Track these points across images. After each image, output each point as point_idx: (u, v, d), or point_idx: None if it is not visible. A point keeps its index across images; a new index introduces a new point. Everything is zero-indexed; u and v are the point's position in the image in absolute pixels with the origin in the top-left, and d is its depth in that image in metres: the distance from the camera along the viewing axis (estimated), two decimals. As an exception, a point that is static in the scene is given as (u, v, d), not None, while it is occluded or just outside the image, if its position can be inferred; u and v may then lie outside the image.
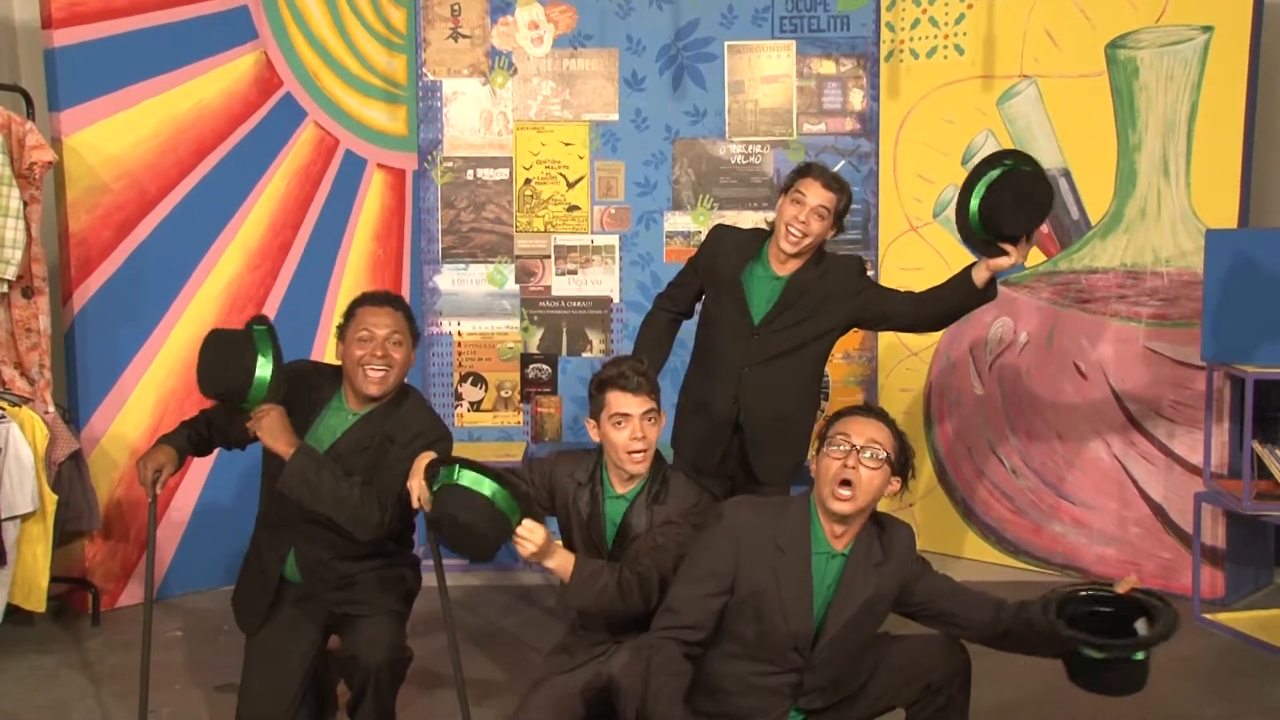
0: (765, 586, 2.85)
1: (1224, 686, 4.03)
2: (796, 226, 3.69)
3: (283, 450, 3.14)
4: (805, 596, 2.86)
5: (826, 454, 2.84)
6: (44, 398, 4.40)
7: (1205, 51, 4.69)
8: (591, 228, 5.64)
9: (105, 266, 4.69)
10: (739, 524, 2.89)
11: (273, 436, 3.15)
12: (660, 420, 3.18)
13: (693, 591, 2.87)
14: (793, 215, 3.70)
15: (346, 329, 3.35)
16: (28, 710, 3.85)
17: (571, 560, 2.98)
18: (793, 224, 3.70)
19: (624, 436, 3.12)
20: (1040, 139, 5.11)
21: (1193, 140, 4.75)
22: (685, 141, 5.61)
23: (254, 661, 3.31)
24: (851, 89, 5.59)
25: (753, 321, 3.81)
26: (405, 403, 3.35)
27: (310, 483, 3.12)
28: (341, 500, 3.13)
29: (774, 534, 2.87)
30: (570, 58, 5.58)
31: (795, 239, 3.71)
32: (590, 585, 2.96)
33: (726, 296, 3.85)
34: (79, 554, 4.69)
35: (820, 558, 2.88)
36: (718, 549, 2.88)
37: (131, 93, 4.70)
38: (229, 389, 3.20)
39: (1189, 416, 4.80)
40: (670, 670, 2.77)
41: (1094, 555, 5.08)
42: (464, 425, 5.66)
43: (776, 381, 3.81)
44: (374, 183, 5.45)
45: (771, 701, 2.92)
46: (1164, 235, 4.85)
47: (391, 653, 3.19)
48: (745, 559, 2.85)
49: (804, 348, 3.83)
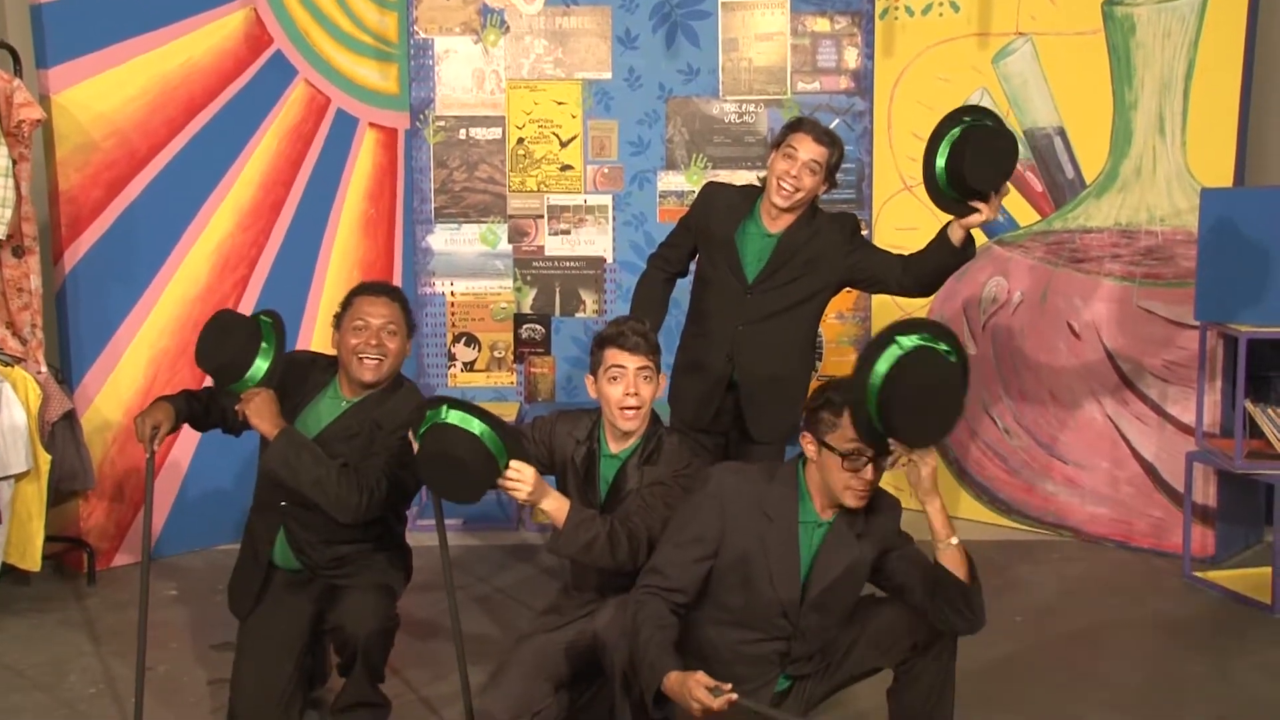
0: (752, 553, 2.86)
1: (1214, 644, 4.06)
2: (788, 181, 3.67)
3: (267, 431, 3.17)
4: (792, 563, 2.87)
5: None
6: (36, 358, 4.39)
7: (1203, 8, 4.66)
8: (585, 187, 5.62)
9: (96, 225, 4.66)
10: (726, 490, 2.90)
11: (259, 416, 3.18)
12: (657, 381, 3.18)
13: (679, 555, 2.87)
14: (784, 170, 3.67)
15: (343, 317, 3.38)
16: (26, 668, 3.87)
17: (566, 506, 3.00)
18: (784, 178, 3.67)
19: (618, 391, 3.13)
20: (1036, 97, 5.09)
21: (1189, 98, 4.73)
22: (679, 100, 5.58)
23: (245, 652, 3.32)
24: (846, 47, 5.56)
25: (746, 280, 3.79)
26: (398, 392, 3.37)
27: (290, 464, 3.14)
28: (320, 481, 3.14)
29: (761, 501, 2.88)
30: (563, 15, 5.54)
31: (787, 193, 3.69)
32: (581, 534, 2.98)
33: (720, 255, 3.84)
34: (74, 514, 4.70)
35: (806, 526, 2.90)
36: (704, 514, 2.88)
37: (120, 50, 4.65)
38: (224, 367, 3.22)
39: (1182, 376, 4.81)
40: (657, 623, 2.78)
41: (1086, 514, 5.11)
42: (457, 385, 5.65)
43: (771, 340, 3.80)
44: (366, 142, 5.42)
45: (760, 668, 2.95)
46: (1159, 194, 4.84)
47: (378, 623, 3.20)
48: (731, 525, 2.86)
49: (797, 307, 3.82)
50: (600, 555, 2.99)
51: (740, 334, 3.80)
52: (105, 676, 3.80)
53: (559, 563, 4.08)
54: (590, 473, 3.23)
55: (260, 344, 3.23)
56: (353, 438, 3.29)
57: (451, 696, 3.55)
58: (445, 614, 3.40)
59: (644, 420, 3.19)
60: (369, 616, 3.19)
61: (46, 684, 3.76)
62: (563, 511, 2.98)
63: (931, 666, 2.92)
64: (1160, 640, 4.09)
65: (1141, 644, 4.05)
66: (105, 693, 3.69)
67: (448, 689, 3.63)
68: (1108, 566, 4.83)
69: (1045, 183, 5.11)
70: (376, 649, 3.22)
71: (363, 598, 3.23)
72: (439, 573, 3.39)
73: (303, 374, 3.43)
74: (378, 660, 3.25)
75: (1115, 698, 3.62)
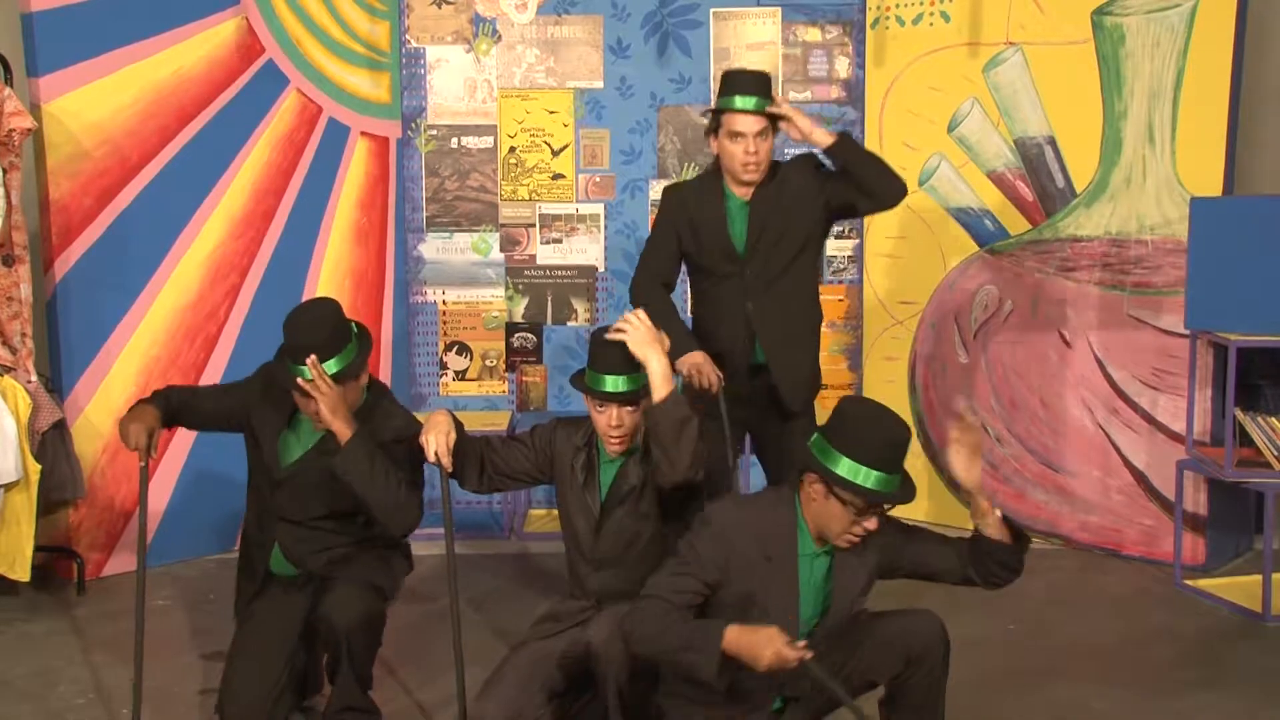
0: (753, 594, 2.83)
1: (1204, 652, 4.07)
2: (749, 160, 3.67)
3: (340, 429, 3.12)
4: (791, 602, 2.85)
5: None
6: (26, 367, 4.38)
7: (1192, 18, 4.68)
8: (576, 196, 5.62)
9: (87, 234, 4.66)
10: (728, 530, 2.85)
11: (333, 413, 3.12)
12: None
13: (678, 583, 2.82)
14: (739, 151, 3.66)
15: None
16: (15, 678, 3.85)
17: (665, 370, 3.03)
18: (745, 160, 3.67)
19: (602, 421, 3.16)
20: (1026, 106, 5.10)
21: (1178, 108, 4.75)
22: (670, 109, 5.59)
23: (237, 648, 3.32)
24: (837, 56, 5.57)
25: (739, 254, 3.78)
26: (378, 407, 3.35)
27: (362, 468, 3.11)
28: (389, 490, 3.14)
29: (761, 541, 2.84)
30: (555, 24, 5.55)
31: (754, 169, 3.69)
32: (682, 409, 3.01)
33: (709, 240, 3.82)
34: (64, 523, 4.69)
35: (805, 559, 2.87)
36: (707, 558, 2.82)
37: (111, 58, 4.65)
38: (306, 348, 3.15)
39: (1172, 384, 4.83)
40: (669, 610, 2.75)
41: (1077, 523, 5.12)
42: (449, 394, 5.65)
43: (782, 307, 3.81)
44: (357, 151, 5.42)
45: (757, 697, 2.92)
46: (1149, 203, 4.85)
47: (363, 614, 3.18)
48: (734, 567, 2.82)
49: (795, 263, 3.81)
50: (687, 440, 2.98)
51: (752, 310, 3.79)
52: (95, 686, 3.79)
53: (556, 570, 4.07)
54: (590, 477, 3.24)
55: (346, 345, 3.21)
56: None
57: (444, 702, 3.55)
58: (439, 620, 3.40)
59: (633, 439, 3.19)
60: (353, 607, 3.17)
61: (36, 694, 3.74)
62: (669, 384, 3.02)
63: (924, 681, 2.90)
64: (1151, 649, 4.09)
65: (1132, 653, 4.05)
66: (95, 702, 3.68)
67: (441, 694, 3.62)
68: (1099, 575, 4.84)
69: (1035, 192, 5.12)
70: (360, 644, 3.20)
71: (348, 590, 3.21)
72: (432, 580, 3.38)
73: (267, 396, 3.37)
74: (363, 657, 3.23)
75: (1106, 707, 3.63)
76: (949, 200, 5.34)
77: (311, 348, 3.14)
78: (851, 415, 2.79)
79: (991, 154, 5.21)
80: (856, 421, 2.77)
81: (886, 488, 2.72)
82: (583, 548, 3.23)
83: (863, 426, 2.75)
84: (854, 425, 2.76)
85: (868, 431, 2.73)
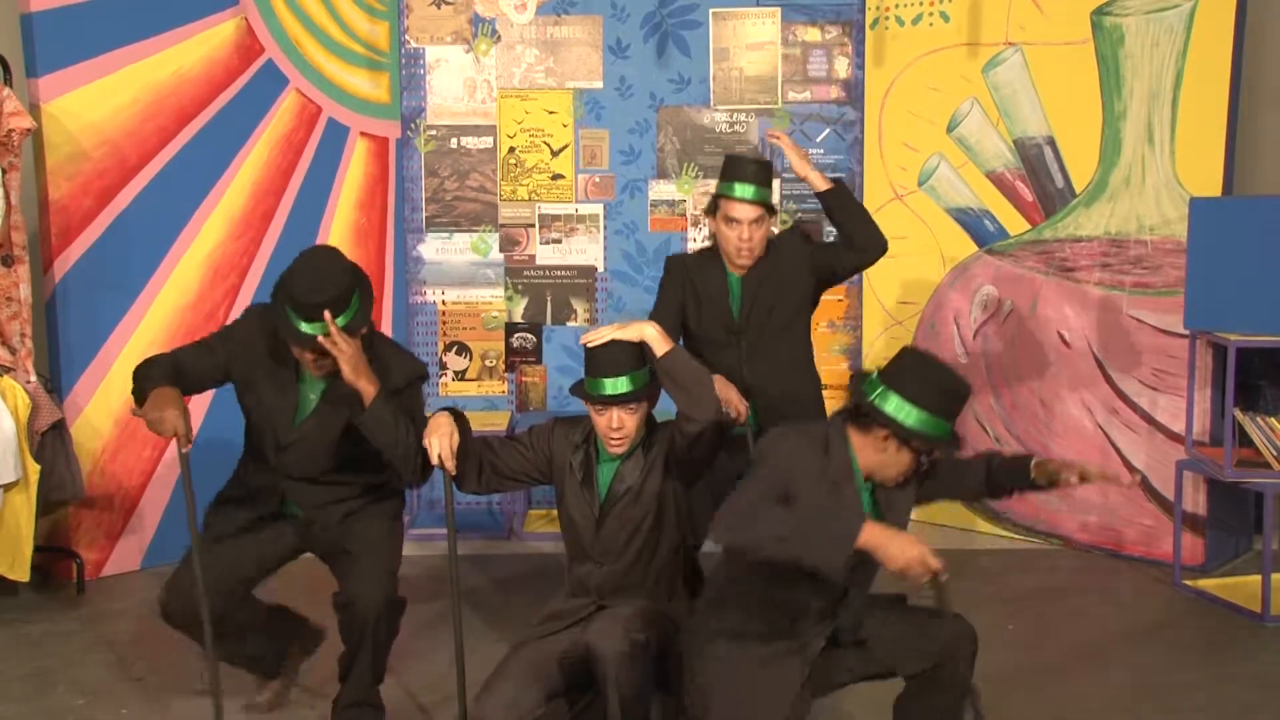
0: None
1: (1204, 652, 4.07)
2: (744, 246, 3.73)
3: (364, 386, 3.08)
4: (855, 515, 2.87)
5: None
6: (26, 367, 4.38)
7: (1191, 18, 4.68)
8: (576, 196, 5.62)
9: (86, 235, 4.65)
10: (787, 457, 2.86)
11: (355, 371, 3.08)
12: (644, 407, 3.16)
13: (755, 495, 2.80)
14: (734, 236, 3.74)
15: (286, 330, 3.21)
16: (14, 679, 3.85)
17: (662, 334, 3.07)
18: (740, 246, 3.73)
19: (602, 423, 3.15)
20: (1025, 106, 5.11)
21: (1178, 108, 4.75)
22: (670, 109, 5.59)
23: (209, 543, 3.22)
24: (837, 56, 5.57)
25: (734, 321, 3.88)
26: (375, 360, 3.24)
27: (388, 425, 3.10)
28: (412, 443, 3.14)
29: (822, 468, 2.86)
30: (554, 25, 5.55)
31: (748, 255, 3.75)
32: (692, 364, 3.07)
33: (709, 312, 3.91)
34: (63, 523, 4.69)
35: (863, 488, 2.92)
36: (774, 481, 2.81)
37: (111, 59, 4.65)
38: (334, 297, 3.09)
39: (1171, 384, 4.83)
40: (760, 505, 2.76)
41: (1076, 523, 5.12)
42: (449, 394, 5.65)
43: (777, 373, 3.88)
44: (357, 151, 5.42)
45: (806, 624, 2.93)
46: (1148, 203, 4.85)
47: (388, 601, 3.19)
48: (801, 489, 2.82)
49: (787, 330, 3.90)
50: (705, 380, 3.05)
51: (747, 375, 3.84)
52: (94, 687, 3.78)
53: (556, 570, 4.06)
54: (588, 476, 3.23)
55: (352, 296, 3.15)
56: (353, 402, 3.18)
57: (444, 702, 3.55)
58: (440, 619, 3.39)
59: (634, 441, 3.19)
60: (378, 595, 3.17)
61: (35, 694, 3.74)
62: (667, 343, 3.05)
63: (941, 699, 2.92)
64: (1151, 649, 4.09)
65: (1132, 653, 4.05)
66: (94, 703, 3.67)
67: (441, 694, 3.63)
68: (1098, 575, 4.84)
69: (1035, 192, 5.12)
70: (385, 632, 3.21)
71: (371, 578, 3.20)
72: (432, 580, 3.38)
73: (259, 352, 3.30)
74: (384, 647, 3.24)
75: (1106, 706, 3.63)
76: (948, 200, 5.34)
77: (326, 304, 3.07)
78: (917, 368, 2.84)
79: (991, 154, 5.22)
80: (924, 375, 2.81)
81: (947, 434, 2.81)
82: (583, 545, 3.23)
83: (931, 380, 2.80)
84: (922, 378, 2.80)
85: (937, 383, 2.79)
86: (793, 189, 5.65)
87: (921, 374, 2.80)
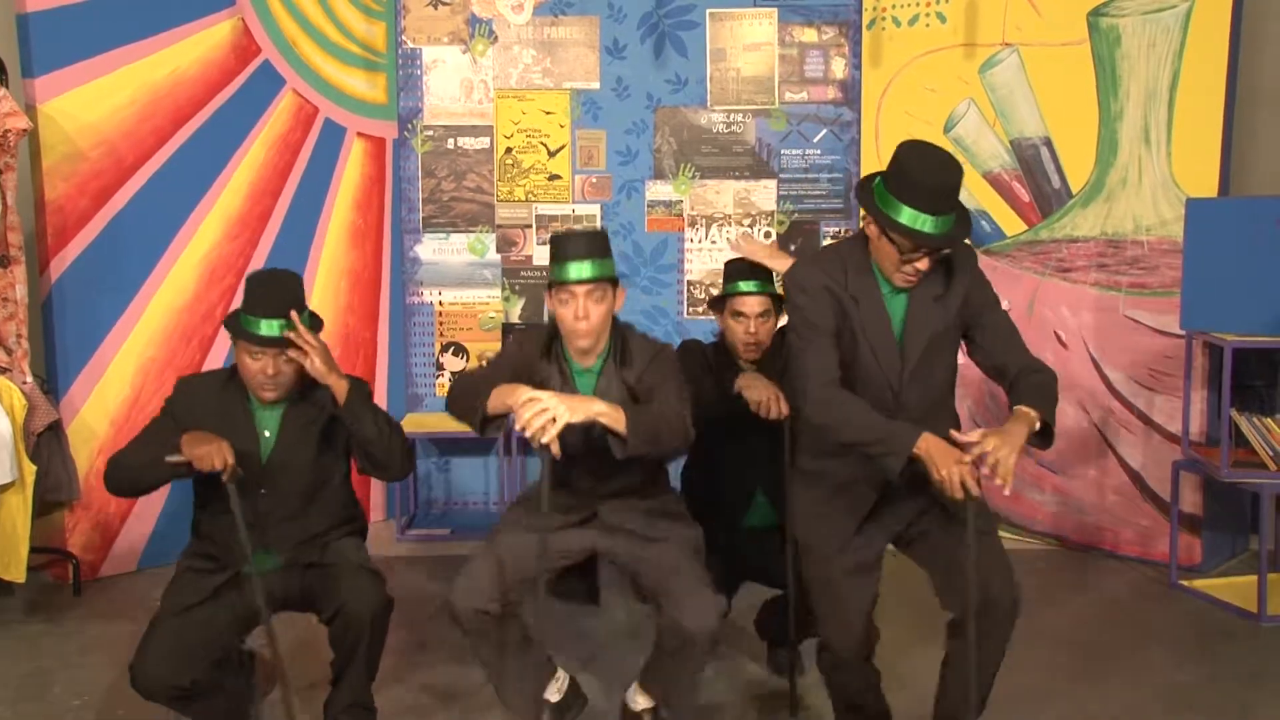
0: (854, 332, 2.92)
1: (1200, 652, 4.07)
2: (751, 339, 3.69)
3: (336, 381, 3.11)
4: (888, 334, 2.92)
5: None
6: (22, 368, 4.37)
7: (1187, 19, 4.69)
8: (573, 197, 5.62)
9: (83, 235, 4.65)
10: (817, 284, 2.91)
11: (326, 364, 3.10)
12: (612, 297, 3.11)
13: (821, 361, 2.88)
14: (741, 332, 3.69)
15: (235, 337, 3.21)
16: (10, 680, 3.85)
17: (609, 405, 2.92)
18: (746, 341, 3.69)
19: (568, 316, 3.07)
20: (1022, 107, 5.11)
21: (1174, 109, 4.76)
22: (667, 110, 5.59)
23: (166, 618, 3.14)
24: (833, 57, 5.58)
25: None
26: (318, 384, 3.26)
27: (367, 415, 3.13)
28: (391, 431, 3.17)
29: (845, 285, 2.91)
30: (551, 25, 5.55)
31: (754, 351, 3.70)
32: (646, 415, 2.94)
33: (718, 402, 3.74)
34: (59, 525, 4.68)
35: (887, 296, 2.94)
36: (818, 316, 2.89)
37: (107, 59, 4.65)
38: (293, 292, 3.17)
39: (1168, 385, 4.83)
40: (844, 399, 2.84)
41: (1073, 523, 5.12)
42: (445, 395, 5.64)
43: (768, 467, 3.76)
44: (354, 151, 5.42)
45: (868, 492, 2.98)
46: (1145, 204, 4.86)
47: (381, 601, 3.16)
48: (836, 313, 2.91)
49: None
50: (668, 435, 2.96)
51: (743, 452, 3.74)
52: (90, 688, 3.78)
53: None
54: (566, 388, 3.14)
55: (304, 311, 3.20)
56: (309, 425, 3.22)
57: (441, 703, 3.55)
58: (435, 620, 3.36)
59: (600, 337, 3.12)
60: (371, 595, 3.14)
61: (31, 695, 3.73)
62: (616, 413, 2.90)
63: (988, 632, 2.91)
64: (1147, 649, 4.10)
65: (1128, 653, 4.06)
66: (90, 704, 3.67)
67: (436, 696, 3.63)
68: (1095, 575, 4.85)
69: (1032, 192, 5.13)
70: (379, 631, 3.18)
71: (360, 579, 3.17)
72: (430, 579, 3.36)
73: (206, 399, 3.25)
74: (378, 647, 3.21)
75: (1102, 707, 3.63)
76: (945, 201, 5.34)
77: (292, 303, 3.14)
78: (904, 159, 2.81)
79: (988, 155, 5.22)
80: (907, 164, 2.79)
81: (933, 229, 2.76)
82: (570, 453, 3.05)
83: (912, 169, 2.77)
84: (905, 168, 2.79)
85: (916, 175, 2.76)
86: (790, 189, 5.66)
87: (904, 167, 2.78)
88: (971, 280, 2.99)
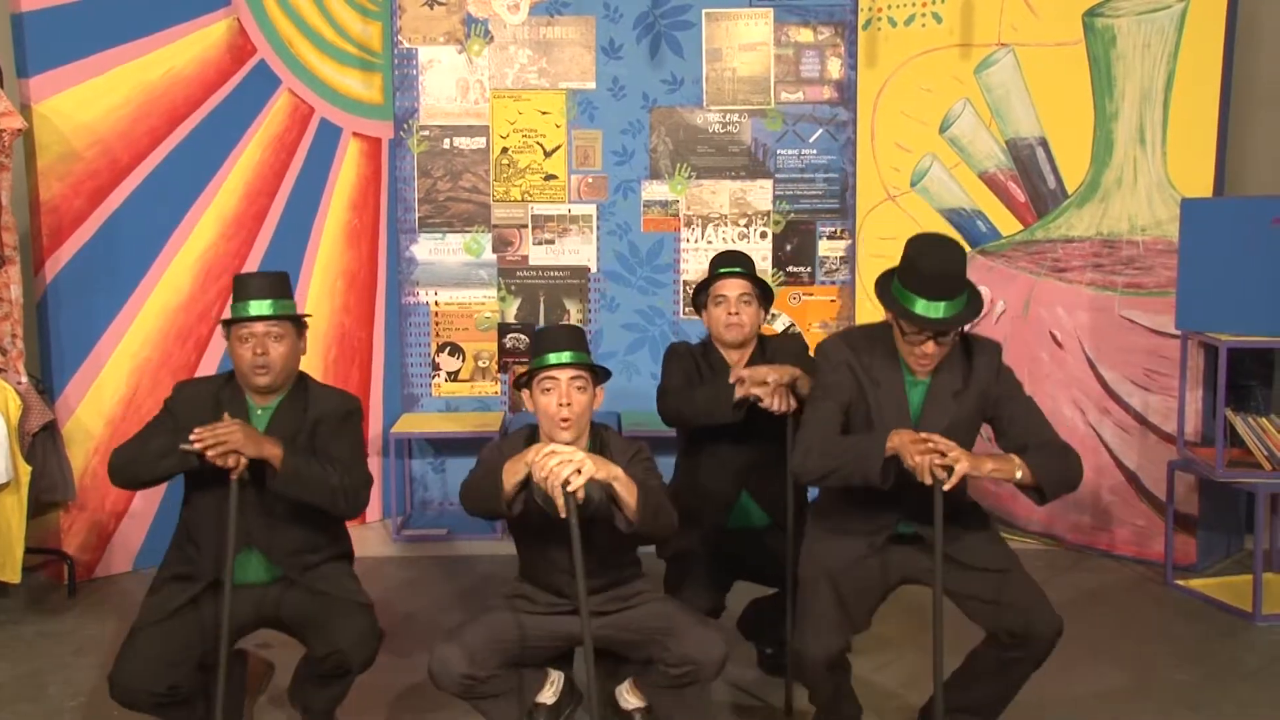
0: (869, 413, 3.07)
1: (1196, 651, 4.08)
2: (732, 319, 3.68)
3: (270, 453, 3.04)
4: (904, 420, 3.04)
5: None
6: (17, 368, 4.37)
7: (1182, 20, 4.70)
8: (569, 197, 5.62)
9: (78, 235, 4.64)
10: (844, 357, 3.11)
11: (256, 444, 3.04)
12: (593, 391, 3.12)
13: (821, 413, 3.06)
14: (722, 314, 3.68)
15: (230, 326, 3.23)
16: (6, 680, 3.84)
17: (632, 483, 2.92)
18: (729, 320, 3.68)
19: (550, 405, 3.07)
20: (1018, 107, 5.11)
21: (1169, 109, 4.76)
22: (663, 110, 5.59)
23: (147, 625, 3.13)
24: (829, 57, 5.58)
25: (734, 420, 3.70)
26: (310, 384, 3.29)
27: (303, 479, 3.07)
28: (333, 489, 3.10)
29: (869, 368, 3.10)
30: (547, 25, 5.55)
31: (736, 327, 3.67)
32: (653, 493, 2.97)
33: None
34: (54, 525, 4.67)
35: (908, 383, 3.09)
36: (835, 384, 3.09)
37: (102, 59, 4.64)
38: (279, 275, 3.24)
39: (1163, 384, 4.84)
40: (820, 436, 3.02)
41: (1069, 523, 5.13)
42: (441, 395, 5.65)
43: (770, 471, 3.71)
44: (349, 151, 5.41)
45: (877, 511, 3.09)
46: (1140, 204, 4.87)
47: (374, 650, 3.16)
48: (855, 389, 3.09)
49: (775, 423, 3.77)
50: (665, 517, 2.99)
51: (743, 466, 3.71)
52: (86, 688, 3.77)
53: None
54: None
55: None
56: (294, 438, 3.18)
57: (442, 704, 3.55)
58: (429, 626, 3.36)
59: (582, 429, 3.12)
60: (368, 644, 3.14)
61: (27, 696, 3.73)
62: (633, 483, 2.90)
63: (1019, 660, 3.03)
64: (1143, 648, 4.10)
65: (1124, 652, 4.06)
66: (86, 705, 3.66)
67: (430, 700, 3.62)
68: (1090, 575, 4.85)
69: (1027, 193, 5.13)
70: (367, 667, 3.19)
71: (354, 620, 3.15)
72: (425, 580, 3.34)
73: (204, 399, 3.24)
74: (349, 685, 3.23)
75: (1098, 706, 3.63)
76: (941, 201, 5.35)
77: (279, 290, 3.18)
78: (911, 247, 3.01)
79: (983, 155, 5.23)
80: (912, 253, 2.99)
81: (935, 314, 2.92)
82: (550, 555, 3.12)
83: (915, 257, 2.97)
84: (910, 256, 3.00)
85: (918, 261, 2.95)
86: (785, 189, 5.66)
87: (908, 256, 2.99)
88: (991, 376, 3.12)
